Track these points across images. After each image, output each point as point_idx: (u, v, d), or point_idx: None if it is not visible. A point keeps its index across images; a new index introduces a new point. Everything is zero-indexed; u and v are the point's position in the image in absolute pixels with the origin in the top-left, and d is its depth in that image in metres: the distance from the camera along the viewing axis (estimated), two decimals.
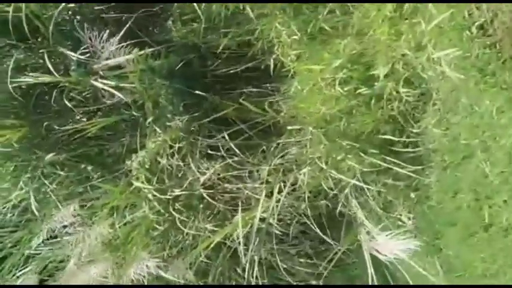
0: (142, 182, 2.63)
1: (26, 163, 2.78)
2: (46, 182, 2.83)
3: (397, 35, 1.95)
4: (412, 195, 2.27)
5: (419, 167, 2.16)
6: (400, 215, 2.40)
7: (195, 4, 2.45)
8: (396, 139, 2.17)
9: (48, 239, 2.91)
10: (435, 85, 1.97)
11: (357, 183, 2.21)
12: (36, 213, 2.80)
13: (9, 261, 2.93)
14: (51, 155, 2.64)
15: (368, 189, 2.29)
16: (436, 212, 2.24)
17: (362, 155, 2.21)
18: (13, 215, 2.91)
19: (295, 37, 2.33)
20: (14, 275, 2.94)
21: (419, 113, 2.11)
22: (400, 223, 2.28)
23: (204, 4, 2.50)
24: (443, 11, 1.68)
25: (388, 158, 2.17)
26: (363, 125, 2.21)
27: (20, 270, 2.94)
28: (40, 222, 2.88)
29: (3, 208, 2.85)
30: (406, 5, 1.82)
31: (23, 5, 2.40)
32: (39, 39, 2.66)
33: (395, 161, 2.15)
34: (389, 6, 1.85)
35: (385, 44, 2.00)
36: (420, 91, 2.05)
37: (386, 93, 2.11)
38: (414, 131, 2.14)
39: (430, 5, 1.71)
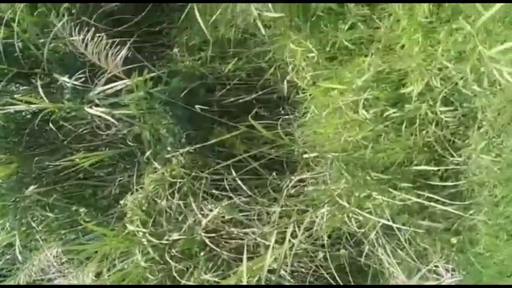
0: (137, 226, 2.34)
1: (13, 204, 2.61)
2: (34, 224, 2.65)
3: (433, 44, 1.66)
4: (453, 240, 1.88)
5: (462, 203, 1.78)
6: (437, 266, 1.99)
7: (203, 27, 2.22)
8: (433, 169, 1.81)
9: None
10: (481, 102, 1.65)
11: (386, 222, 1.83)
12: (20, 258, 2.61)
13: None
14: (32, 187, 2.38)
15: (398, 232, 1.91)
16: (484, 260, 1.82)
17: (391, 190, 1.86)
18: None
19: (311, 56, 2.07)
20: None
21: (461, 138, 1.77)
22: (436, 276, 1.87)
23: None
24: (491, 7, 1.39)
25: (422, 193, 1.81)
26: (392, 154, 1.88)
27: None
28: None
29: None
30: (445, 5, 1.54)
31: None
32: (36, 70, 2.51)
33: (432, 196, 1.78)
34: (425, 7, 1.57)
35: (418, 57, 1.70)
36: (461, 112, 1.72)
37: (419, 116, 1.79)
38: (455, 160, 1.79)
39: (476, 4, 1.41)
